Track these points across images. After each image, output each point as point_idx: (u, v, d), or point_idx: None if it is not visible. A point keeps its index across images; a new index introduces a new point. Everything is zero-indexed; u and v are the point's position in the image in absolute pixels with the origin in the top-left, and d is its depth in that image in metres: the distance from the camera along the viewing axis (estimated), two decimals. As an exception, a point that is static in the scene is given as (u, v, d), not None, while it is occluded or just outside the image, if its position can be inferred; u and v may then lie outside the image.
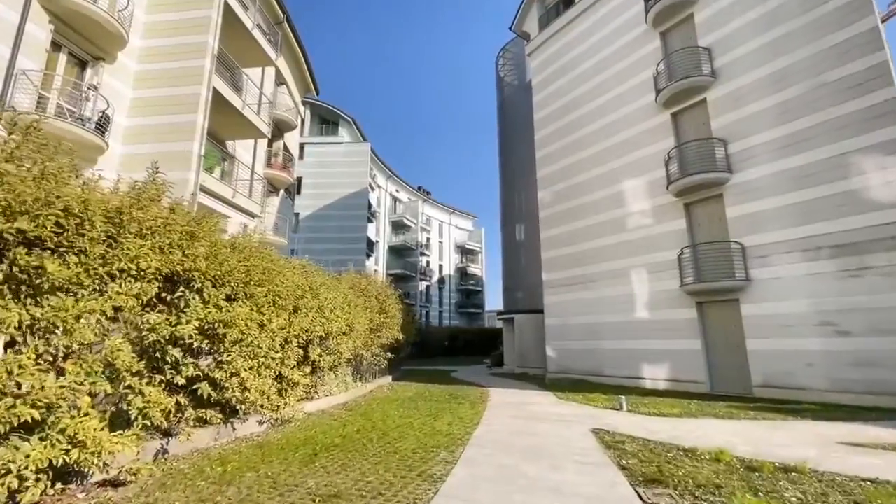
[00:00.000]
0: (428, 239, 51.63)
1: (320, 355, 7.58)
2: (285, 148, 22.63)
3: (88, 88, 11.06)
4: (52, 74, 10.46)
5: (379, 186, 43.15)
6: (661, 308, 13.31)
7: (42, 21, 10.14)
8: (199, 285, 4.68)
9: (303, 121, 36.48)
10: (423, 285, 48.21)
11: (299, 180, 35.68)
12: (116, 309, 3.81)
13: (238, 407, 5.60)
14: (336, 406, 8.94)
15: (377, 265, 41.23)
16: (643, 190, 14.47)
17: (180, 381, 4.52)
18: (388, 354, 14.03)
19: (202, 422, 5.48)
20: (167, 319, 4.36)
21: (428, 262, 50.86)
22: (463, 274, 57.36)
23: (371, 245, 38.05)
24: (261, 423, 6.55)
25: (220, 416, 5.53)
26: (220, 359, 5.01)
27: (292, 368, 6.78)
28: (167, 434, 4.95)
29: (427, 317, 48.80)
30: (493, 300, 65.29)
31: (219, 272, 4.87)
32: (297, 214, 35.10)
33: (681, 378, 12.46)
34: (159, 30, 13.03)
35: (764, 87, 11.96)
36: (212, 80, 12.66)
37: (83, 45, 11.22)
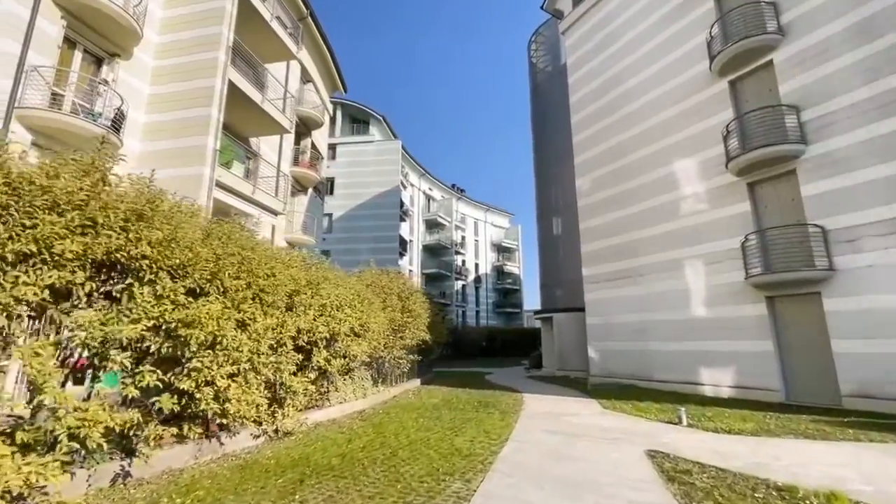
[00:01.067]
0: (463, 237, 50.61)
1: (327, 359, 6.73)
2: (313, 146, 22.29)
3: (100, 83, 10.83)
4: (65, 70, 10.28)
5: (411, 185, 42.57)
6: (722, 304, 11.61)
7: (54, 16, 9.95)
8: (151, 276, 3.90)
9: (333, 121, 36.50)
10: (458, 284, 47.26)
11: (331, 181, 35.70)
12: (19, 301, 3.05)
13: (221, 420, 4.81)
14: (350, 415, 8.08)
15: (411, 265, 40.66)
16: (696, 171, 12.78)
17: (132, 392, 3.75)
18: (414, 356, 13.14)
19: (181, 437, 4.72)
20: (102, 317, 3.59)
21: (463, 261, 49.84)
22: (500, 272, 55.91)
23: (404, 244, 37.50)
24: (256, 436, 5.75)
25: (200, 430, 4.74)
26: (188, 365, 4.23)
27: (291, 375, 5.95)
28: (130, 453, 4.20)
29: (464, 316, 47.80)
30: (532, 299, 63.28)
31: (177, 261, 4.07)
32: (329, 215, 35.10)
33: (749, 384, 10.75)
34: (175, 24, 12.76)
35: (845, 42, 10.08)
36: (227, 72, 12.22)
37: (98, 41, 11.02)
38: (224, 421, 4.77)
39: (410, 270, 40.45)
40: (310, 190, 22.03)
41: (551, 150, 23.65)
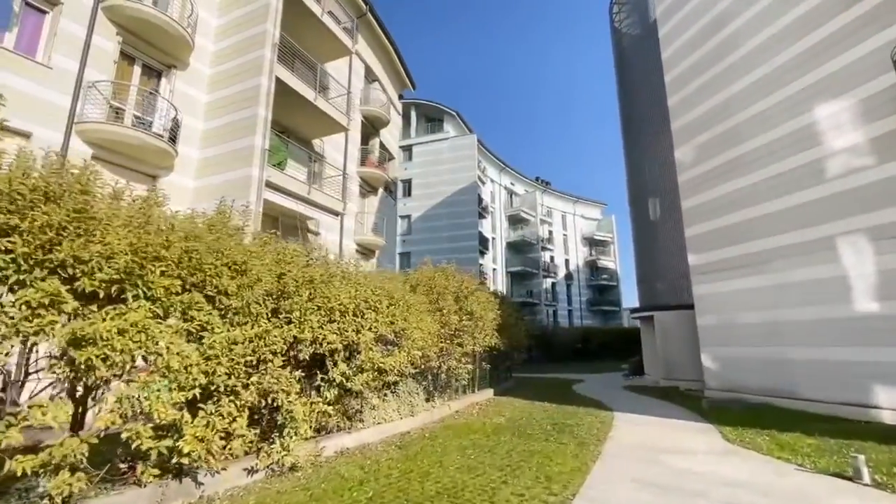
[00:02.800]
0: (550, 232, 47.58)
1: (346, 375, 5.50)
2: (382, 146, 21.86)
3: (150, 93, 10.99)
4: (124, 84, 10.56)
5: (491, 180, 40.92)
6: (904, 295, 8.24)
7: (109, 33, 10.24)
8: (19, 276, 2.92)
9: (408, 121, 36.38)
10: (547, 282, 44.39)
11: (409, 182, 35.52)
12: None
13: (180, 461, 3.76)
14: (389, 438, 6.78)
15: (495, 263, 39.00)
16: (849, 116, 9.39)
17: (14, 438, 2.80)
18: (482, 365, 11.55)
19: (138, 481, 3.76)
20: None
21: (552, 258, 46.80)
22: (593, 268, 51.66)
23: (485, 242, 35.97)
24: (250, 471, 4.68)
25: (157, 471, 3.73)
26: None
27: (294, 396, 4.79)
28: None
29: (555, 316, 44.80)
30: (631, 296, 57.56)
31: (57, 254, 3.02)
32: (408, 217, 34.93)
33: (961, 412, 7.35)
34: (227, 30, 12.77)
35: None
36: (273, 69, 11.83)
37: (154, 54, 11.25)
38: (183, 461, 3.70)
39: (494, 269, 38.80)
40: (380, 190, 21.58)
41: (642, 122, 20.42)
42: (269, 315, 4.43)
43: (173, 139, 10.99)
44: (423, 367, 8.40)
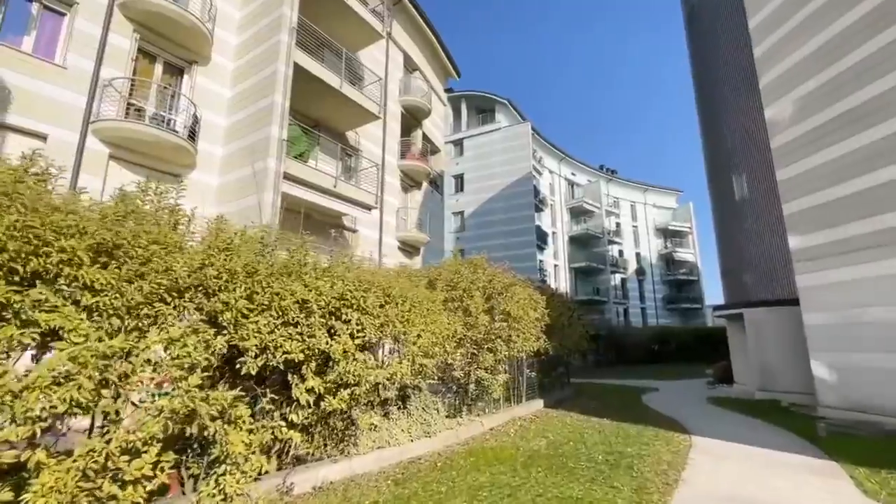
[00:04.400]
0: (617, 224, 43.91)
1: (314, 391, 4.28)
2: (425, 137, 20.81)
3: (165, 87, 10.68)
4: (142, 80, 10.34)
5: (549, 171, 38.46)
6: None
7: (125, 31, 10.04)
8: None
9: (458, 114, 35.17)
10: (616, 278, 40.90)
11: (461, 177, 34.29)
12: None
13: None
14: (387, 469, 5.47)
15: (556, 259, 36.54)
16: None
17: None
18: (526, 373, 9.92)
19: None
20: None
21: (620, 251, 43.15)
22: (669, 262, 46.99)
23: (543, 236, 33.70)
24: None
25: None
26: None
27: (234, 423, 3.67)
28: None
29: (625, 315, 41.19)
30: (715, 292, 51.53)
31: None
32: (461, 213, 33.69)
33: None
34: (248, 21, 12.30)
35: None
36: (291, 54, 11.11)
37: (174, 50, 10.98)
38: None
39: (556, 265, 36.36)
40: (424, 185, 20.53)
41: (717, 86, 17.36)
42: (153, 319, 3.30)
43: (193, 136, 10.63)
44: (442, 376, 7.04)
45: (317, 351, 4.29)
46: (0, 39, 8.53)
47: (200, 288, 3.45)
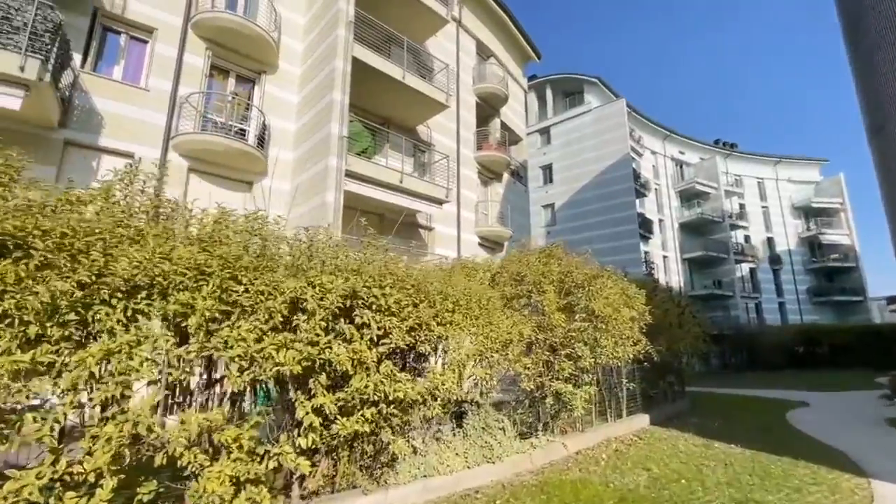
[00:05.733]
0: (741, 206, 37.75)
1: (321, 411, 3.45)
2: (503, 126, 19.58)
3: (234, 96, 10.96)
4: (214, 93, 10.79)
5: (651, 151, 34.39)
6: None
7: (199, 50, 10.54)
8: None
9: (543, 101, 33.17)
10: (743, 269, 35.08)
11: (549, 167, 32.22)
12: None
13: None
14: (437, 502, 4.48)
15: (664, 249, 32.48)
16: None
17: None
18: (620, 383, 8.21)
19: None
20: None
21: (746, 237, 37.03)
22: (814, 246, 39.13)
23: (647, 225, 30.06)
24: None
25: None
26: None
27: (221, 449, 3.00)
28: None
29: (757, 311, 35.16)
30: (882, 282, 41.46)
31: None
32: (551, 206, 31.59)
33: None
34: (310, 25, 12.32)
35: None
36: (349, 50, 10.77)
37: (243, 62, 11.33)
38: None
39: (665, 257, 32.31)
40: (505, 176, 19.29)
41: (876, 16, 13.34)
42: (127, 323, 2.69)
43: (262, 143, 10.82)
44: (510, 388, 5.86)
45: (319, 362, 3.47)
46: (96, 72, 9.41)
47: (156, 287, 2.83)
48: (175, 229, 3.35)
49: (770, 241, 38.51)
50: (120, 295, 2.70)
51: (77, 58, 8.89)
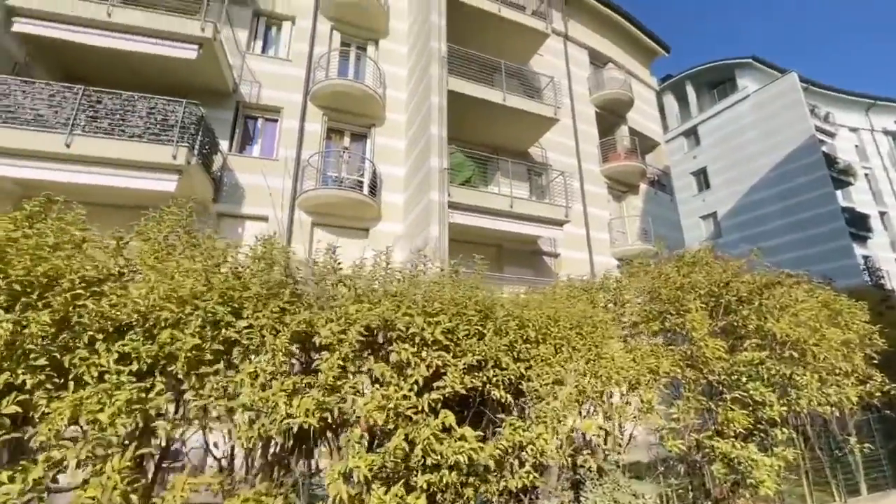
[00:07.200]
0: None
1: (379, 471, 2.64)
2: (632, 132, 17.40)
3: (344, 150, 11.63)
4: (335, 151, 11.69)
5: (849, 128, 26.86)
6: None
7: (316, 117, 11.68)
8: None
9: (685, 100, 29.17)
10: None
11: (702, 172, 27.60)
12: None
13: None
14: None
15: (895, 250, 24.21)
16: None
17: None
18: (843, 441, 5.54)
19: None
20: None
21: None
22: None
23: (861, 221, 22.90)
24: None
25: None
26: None
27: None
28: None
29: None
30: None
31: None
32: (712, 215, 26.64)
33: None
34: (410, 74, 12.78)
35: None
36: (443, 85, 10.74)
37: (354, 120, 12.19)
38: None
39: (897, 260, 23.97)
40: (642, 187, 16.87)
41: None
42: (104, 371, 2.33)
43: (374, 191, 11.23)
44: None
45: (338, 413, 2.71)
46: (240, 153, 11.08)
47: (143, 325, 2.50)
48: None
49: None
50: (106, 336, 2.42)
51: (224, 144, 10.56)
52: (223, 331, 2.62)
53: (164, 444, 2.55)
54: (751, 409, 4.45)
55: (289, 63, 11.97)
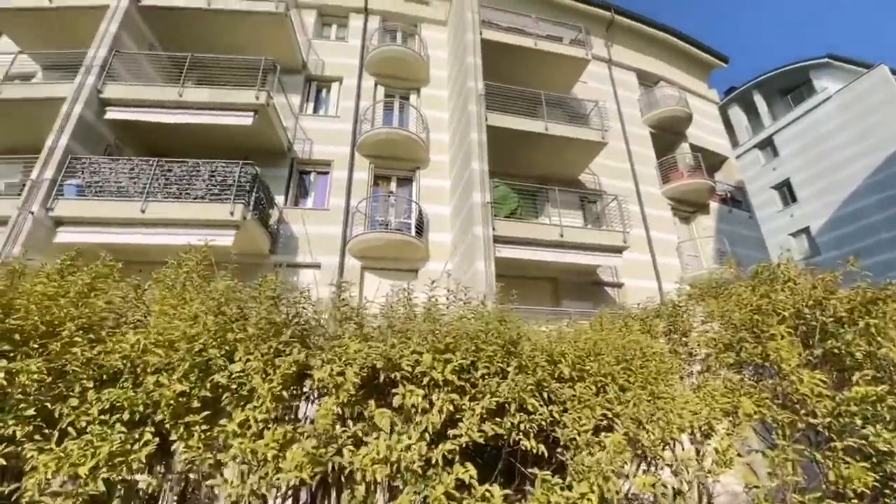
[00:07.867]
0: None
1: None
2: (694, 149, 16.24)
3: (389, 194, 11.82)
4: (382, 196, 11.96)
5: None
6: None
7: (364, 165, 12.15)
8: None
9: (754, 111, 27.07)
10: None
11: (785, 184, 24.98)
12: None
13: None
14: None
15: None
16: None
17: None
18: None
19: None
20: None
21: None
22: None
23: None
24: None
25: None
26: None
27: None
28: None
29: None
30: None
31: None
32: (804, 231, 23.72)
33: None
34: (451, 118, 13.02)
35: None
36: (482, 121, 10.75)
37: (399, 165, 12.54)
38: None
39: None
40: (712, 205, 15.46)
41: None
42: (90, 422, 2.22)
43: (420, 232, 11.25)
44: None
45: (337, 467, 2.40)
46: (295, 206, 11.71)
47: (134, 372, 2.42)
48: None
49: None
50: (98, 381, 2.36)
51: (280, 198, 11.23)
52: (214, 376, 2.47)
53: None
54: (873, 461, 3.46)
55: (337, 119, 12.72)
